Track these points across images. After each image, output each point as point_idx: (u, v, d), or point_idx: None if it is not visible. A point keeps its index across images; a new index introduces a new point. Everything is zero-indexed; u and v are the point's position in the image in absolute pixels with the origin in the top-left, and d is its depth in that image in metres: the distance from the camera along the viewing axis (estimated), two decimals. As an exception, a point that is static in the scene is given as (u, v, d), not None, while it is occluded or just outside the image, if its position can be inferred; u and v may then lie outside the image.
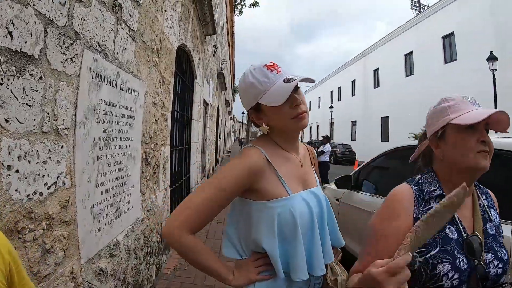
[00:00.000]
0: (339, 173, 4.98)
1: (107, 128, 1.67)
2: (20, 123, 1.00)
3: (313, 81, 0.92)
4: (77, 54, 1.33)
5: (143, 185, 2.43)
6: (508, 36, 11.12)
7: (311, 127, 35.92)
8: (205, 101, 6.65)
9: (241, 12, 13.70)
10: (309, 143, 26.47)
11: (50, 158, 1.17)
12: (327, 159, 9.20)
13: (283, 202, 0.86)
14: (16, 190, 1.01)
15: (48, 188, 1.18)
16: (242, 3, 12.99)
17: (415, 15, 18.08)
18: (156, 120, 2.67)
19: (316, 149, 8.80)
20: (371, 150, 19.73)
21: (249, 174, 0.86)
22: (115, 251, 1.90)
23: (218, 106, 11.26)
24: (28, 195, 1.07)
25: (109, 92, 1.67)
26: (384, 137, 19.64)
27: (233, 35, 15.27)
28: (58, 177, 1.24)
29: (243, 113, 42.80)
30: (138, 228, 2.35)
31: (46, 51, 1.11)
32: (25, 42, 1.01)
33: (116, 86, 1.75)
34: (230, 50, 15.17)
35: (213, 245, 3.87)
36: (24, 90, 1.01)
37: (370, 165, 3.10)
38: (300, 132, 1.02)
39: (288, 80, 0.86)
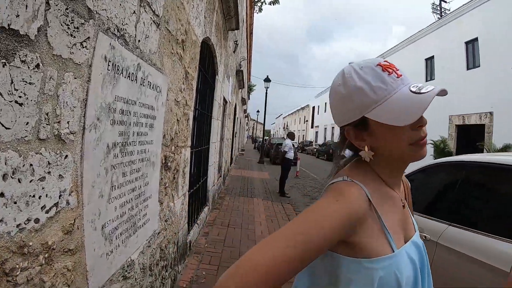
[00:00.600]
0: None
1: (123, 131, 1.38)
2: (6, 128, 0.71)
3: (446, 93, 0.66)
4: (89, 37, 1.03)
5: (161, 193, 2.15)
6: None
7: (325, 128, 35.06)
8: (224, 99, 6.38)
9: (260, 9, 13.34)
10: (323, 145, 25.76)
11: (49, 172, 0.89)
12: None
13: (387, 262, 0.60)
14: (1, 220, 0.73)
15: (47, 211, 0.90)
16: (262, 0, 12.63)
17: (436, 19, 17.22)
18: (177, 120, 2.39)
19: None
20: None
21: (349, 224, 0.57)
22: (129, 272, 1.63)
23: (235, 104, 11.00)
24: (18, 225, 0.79)
25: (128, 87, 1.38)
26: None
27: (251, 33, 14.94)
28: (60, 196, 0.95)
29: (258, 111, 42.26)
30: (155, 242, 2.08)
31: (47, 30, 0.82)
32: (17, 16, 0.72)
33: (136, 80, 1.46)
34: (248, 48, 14.86)
35: (230, 253, 3.59)
36: (12, 82, 0.72)
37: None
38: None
39: (418, 91, 0.59)
